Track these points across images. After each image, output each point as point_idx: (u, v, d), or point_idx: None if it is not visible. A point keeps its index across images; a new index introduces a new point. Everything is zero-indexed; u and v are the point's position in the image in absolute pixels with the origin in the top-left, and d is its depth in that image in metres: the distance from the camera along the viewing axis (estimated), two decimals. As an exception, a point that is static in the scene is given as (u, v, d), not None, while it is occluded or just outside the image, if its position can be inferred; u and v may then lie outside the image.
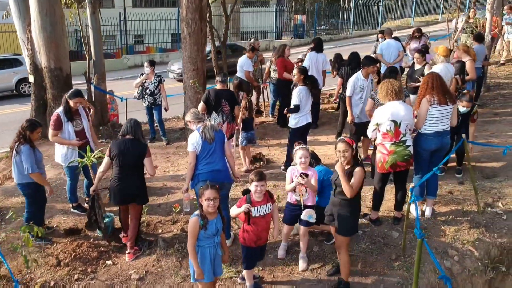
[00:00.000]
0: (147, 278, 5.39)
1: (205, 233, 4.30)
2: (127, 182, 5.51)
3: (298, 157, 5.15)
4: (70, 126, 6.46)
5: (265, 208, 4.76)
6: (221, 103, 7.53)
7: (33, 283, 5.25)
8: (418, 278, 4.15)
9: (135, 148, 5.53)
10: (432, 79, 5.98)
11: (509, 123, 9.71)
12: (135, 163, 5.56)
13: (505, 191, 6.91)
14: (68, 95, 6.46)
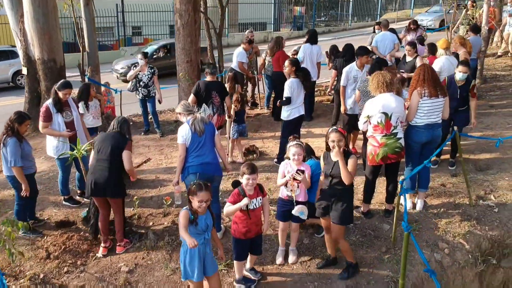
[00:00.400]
0: (137, 270, 5.38)
1: (195, 229, 4.24)
2: (100, 174, 5.38)
3: (292, 154, 5.08)
4: (60, 117, 6.43)
5: (255, 202, 4.74)
6: (212, 95, 7.56)
7: (22, 276, 5.24)
8: (406, 271, 4.14)
9: (114, 141, 5.46)
10: (424, 71, 5.94)
11: (504, 116, 9.68)
12: (112, 156, 5.41)
13: (497, 184, 6.90)
14: (57, 86, 6.43)
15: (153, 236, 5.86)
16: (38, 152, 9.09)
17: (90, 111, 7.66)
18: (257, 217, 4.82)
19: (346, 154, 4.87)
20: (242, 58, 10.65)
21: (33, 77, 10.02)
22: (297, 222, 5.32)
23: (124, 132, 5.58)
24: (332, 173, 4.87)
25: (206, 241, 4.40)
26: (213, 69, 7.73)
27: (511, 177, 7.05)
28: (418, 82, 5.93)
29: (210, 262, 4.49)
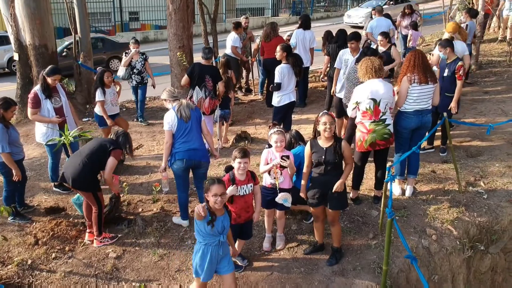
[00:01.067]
0: (125, 256, 5.40)
1: (211, 230, 4.07)
2: (71, 164, 5.38)
3: (274, 141, 5.03)
4: (49, 103, 6.39)
5: (245, 189, 4.72)
6: (205, 79, 7.51)
7: (10, 262, 5.25)
8: (389, 257, 4.14)
9: (101, 145, 5.44)
10: (415, 57, 5.89)
11: (498, 102, 9.64)
12: (94, 149, 5.40)
13: (488, 170, 6.89)
14: (46, 72, 6.39)
15: (141, 223, 5.87)
16: (30, 139, 9.07)
17: (107, 98, 7.50)
18: (247, 203, 4.79)
19: (338, 138, 4.87)
20: (235, 42, 10.59)
21: (24, 63, 9.96)
22: (282, 210, 5.30)
23: (119, 143, 5.51)
24: (327, 159, 4.81)
25: (221, 243, 4.22)
26: (208, 54, 7.67)
27: (501, 163, 7.04)
28: (408, 68, 5.89)
29: (226, 263, 4.35)
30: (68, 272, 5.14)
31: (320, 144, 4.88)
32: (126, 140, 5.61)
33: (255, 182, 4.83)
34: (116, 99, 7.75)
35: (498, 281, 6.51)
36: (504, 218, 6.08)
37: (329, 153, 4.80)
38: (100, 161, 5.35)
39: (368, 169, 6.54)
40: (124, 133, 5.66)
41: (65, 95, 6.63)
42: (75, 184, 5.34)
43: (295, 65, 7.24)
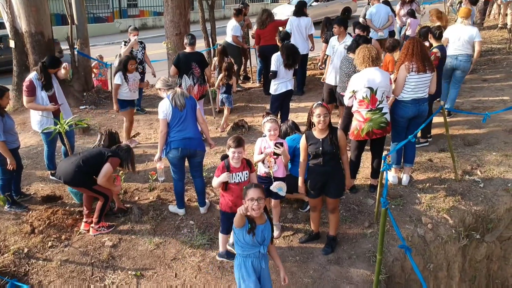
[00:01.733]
0: (121, 245, 5.41)
1: (251, 240, 3.85)
2: (67, 163, 5.47)
3: (267, 129, 5.02)
4: (43, 91, 6.35)
5: (241, 176, 4.69)
6: (191, 66, 7.58)
7: (6, 250, 5.27)
8: (383, 246, 4.15)
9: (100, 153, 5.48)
10: (413, 45, 5.83)
11: (496, 90, 9.59)
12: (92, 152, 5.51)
13: (484, 159, 6.88)
14: (46, 63, 6.34)
15: (137, 211, 5.87)
16: (27, 127, 9.04)
17: (128, 83, 7.54)
18: (242, 192, 4.73)
19: (333, 128, 4.83)
20: (236, 31, 10.51)
21: (21, 50, 9.88)
22: (277, 199, 5.30)
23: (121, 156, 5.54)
24: (324, 150, 4.77)
25: (261, 255, 3.98)
26: (191, 40, 7.69)
27: (498, 152, 7.02)
28: (406, 56, 5.84)
29: (267, 279, 4.09)
30: (64, 261, 5.16)
31: (315, 135, 4.84)
32: (128, 155, 5.62)
33: (251, 169, 4.81)
34: (135, 86, 7.71)
35: (493, 269, 6.55)
36: (500, 206, 6.08)
37: (326, 144, 4.77)
38: (95, 165, 5.36)
39: (365, 158, 6.53)
40: (127, 149, 5.67)
41: (57, 82, 6.58)
42: (66, 182, 5.44)
43: (288, 57, 7.15)
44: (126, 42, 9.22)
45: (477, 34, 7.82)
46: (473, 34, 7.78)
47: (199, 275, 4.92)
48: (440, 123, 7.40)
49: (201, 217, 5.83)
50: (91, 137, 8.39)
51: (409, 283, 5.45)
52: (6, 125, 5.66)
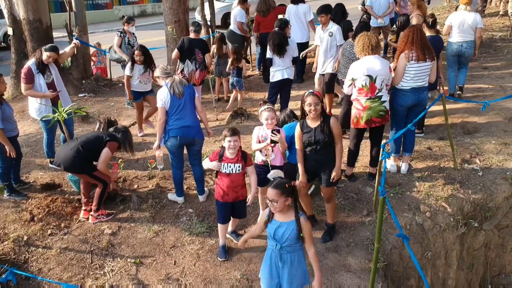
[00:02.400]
0: (120, 233, 5.44)
1: (269, 233, 3.78)
2: (65, 148, 5.46)
3: (264, 118, 4.97)
4: (41, 78, 6.34)
5: (232, 167, 4.67)
6: (194, 52, 7.77)
7: (6, 238, 5.29)
8: (381, 235, 4.15)
9: (98, 137, 5.49)
10: (413, 34, 5.77)
11: (497, 78, 9.55)
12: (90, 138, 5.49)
13: (483, 147, 6.87)
14: (45, 47, 6.32)
15: (136, 199, 5.88)
16: (26, 115, 9.00)
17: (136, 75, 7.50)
18: (234, 183, 4.72)
19: (326, 117, 4.80)
20: (241, 18, 10.44)
21: (19, 37, 9.82)
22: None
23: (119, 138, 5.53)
24: (317, 139, 4.75)
25: (279, 253, 3.74)
26: (196, 27, 7.92)
27: (497, 140, 7.01)
28: (406, 45, 5.80)
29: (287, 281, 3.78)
30: (64, 248, 5.18)
31: (309, 124, 4.83)
32: (126, 137, 5.60)
33: (247, 163, 4.76)
34: (147, 77, 7.63)
35: (491, 257, 6.58)
36: (498, 195, 6.10)
37: (318, 132, 4.75)
38: (94, 150, 5.36)
39: (364, 146, 6.53)
40: (124, 130, 5.64)
41: (56, 69, 6.55)
42: (66, 168, 5.42)
43: (274, 45, 7.13)
44: (122, 32, 9.10)
45: (480, 20, 7.87)
46: (477, 20, 7.84)
47: (198, 263, 4.95)
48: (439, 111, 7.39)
49: (200, 205, 5.84)
50: (90, 125, 8.38)
51: (407, 271, 5.48)
52: (4, 113, 5.64)
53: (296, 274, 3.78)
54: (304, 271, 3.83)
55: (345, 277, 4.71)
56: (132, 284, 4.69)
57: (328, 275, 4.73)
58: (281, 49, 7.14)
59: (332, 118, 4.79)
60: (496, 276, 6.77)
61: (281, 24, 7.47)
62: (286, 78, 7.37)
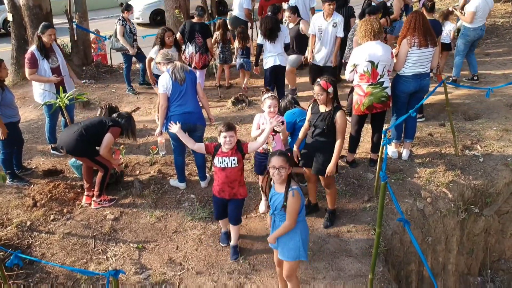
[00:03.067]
0: (122, 218, 5.47)
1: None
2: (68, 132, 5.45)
3: (267, 106, 4.92)
4: (46, 63, 6.33)
5: (227, 161, 4.47)
6: (195, 35, 7.97)
7: (9, 223, 5.32)
8: (382, 220, 4.17)
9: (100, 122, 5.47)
10: (416, 19, 5.72)
11: (498, 64, 9.53)
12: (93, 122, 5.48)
13: (485, 134, 6.88)
14: (39, 31, 6.29)
15: (139, 185, 5.91)
16: (27, 101, 9.04)
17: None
18: (229, 178, 4.52)
19: (336, 107, 4.76)
20: (248, 4, 10.38)
21: (19, 24, 9.78)
22: None
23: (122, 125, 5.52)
24: (316, 123, 4.79)
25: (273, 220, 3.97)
26: (200, 11, 8.03)
27: (499, 126, 7.02)
28: (408, 31, 5.76)
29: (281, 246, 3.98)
30: (67, 234, 5.22)
31: (319, 108, 4.84)
32: (129, 123, 5.59)
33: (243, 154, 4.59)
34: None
35: (491, 242, 6.63)
36: (499, 181, 6.12)
37: (321, 119, 4.76)
38: (97, 135, 5.35)
39: (365, 132, 6.53)
40: (128, 116, 5.63)
41: (61, 55, 6.55)
42: (69, 151, 5.41)
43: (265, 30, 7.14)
44: (123, 20, 8.97)
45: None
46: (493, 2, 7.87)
47: (200, 248, 4.99)
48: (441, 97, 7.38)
49: (202, 191, 5.87)
50: (91, 111, 8.37)
51: (407, 256, 5.53)
52: (6, 99, 5.64)
53: (288, 244, 3.90)
54: (297, 245, 3.89)
55: (346, 261, 4.75)
56: (135, 268, 4.73)
57: (329, 259, 4.77)
58: (272, 34, 7.13)
59: (340, 111, 4.73)
60: (496, 261, 6.83)
61: (274, 9, 7.45)
62: (278, 65, 7.33)
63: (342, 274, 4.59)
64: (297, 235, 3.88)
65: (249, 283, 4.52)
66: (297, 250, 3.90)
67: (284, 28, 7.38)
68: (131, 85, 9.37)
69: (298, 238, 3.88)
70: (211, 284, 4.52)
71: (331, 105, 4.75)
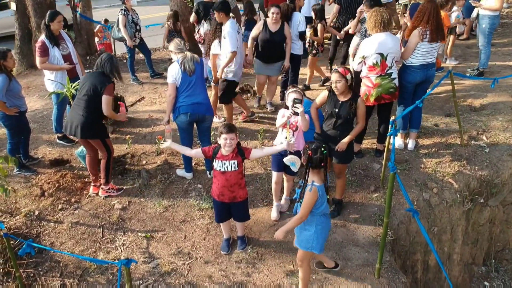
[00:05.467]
0: (130, 208, 5.50)
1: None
2: (75, 113, 5.28)
3: (291, 100, 4.68)
4: (56, 51, 6.33)
5: (227, 165, 4.32)
6: (210, 13, 7.92)
7: (18, 212, 5.35)
8: (390, 210, 4.20)
9: (94, 81, 5.25)
10: (430, 11, 5.62)
11: (503, 55, 9.50)
12: (89, 96, 5.22)
13: (490, 124, 6.88)
14: (47, 19, 6.27)
15: (146, 175, 5.93)
16: (32, 91, 9.04)
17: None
18: (229, 182, 4.39)
19: (355, 95, 4.83)
20: None
21: (22, 13, 9.76)
22: (290, 174, 5.14)
23: (108, 73, 5.31)
24: (339, 113, 4.79)
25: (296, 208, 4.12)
26: None
27: (504, 117, 7.02)
28: (421, 22, 5.66)
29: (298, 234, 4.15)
30: (75, 223, 5.25)
31: (338, 98, 4.85)
32: (112, 65, 5.34)
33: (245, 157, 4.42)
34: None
35: (495, 232, 6.67)
36: (504, 171, 6.14)
37: (344, 107, 4.79)
38: (99, 106, 5.23)
39: (371, 123, 6.53)
40: (108, 58, 5.38)
41: (71, 42, 6.55)
42: (83, 135, 5.28)
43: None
44: (125, 10, 8.81)
45: None
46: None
47: (208, 237, 5.02)
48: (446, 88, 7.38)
49: (209, 181, 5.88)
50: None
51: (413, 245, 5.56)
52: (13, 89, 5.65)
53: (303, 233, 4.03)
54: (311, 237, 3.97)
55: (353, 251, 4.78)
56: (143, 257, 4.76)
57: (336, 249, 4.80)
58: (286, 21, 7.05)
59: (360, 98, 4.84)
60: (500, 251, 6.87)
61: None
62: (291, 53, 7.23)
63: (349, 263, 4.63)
64: (312, 227, 3.94)
65: (257, 272, 4.55)
66: (310, 241, 3.96)
67: (295, 16, 7.35)
68: (135, 75, 9.35)
69: (313, 230, 3.93)
70: (220, 273, 4.56)
71: (349, 93, 4.80)
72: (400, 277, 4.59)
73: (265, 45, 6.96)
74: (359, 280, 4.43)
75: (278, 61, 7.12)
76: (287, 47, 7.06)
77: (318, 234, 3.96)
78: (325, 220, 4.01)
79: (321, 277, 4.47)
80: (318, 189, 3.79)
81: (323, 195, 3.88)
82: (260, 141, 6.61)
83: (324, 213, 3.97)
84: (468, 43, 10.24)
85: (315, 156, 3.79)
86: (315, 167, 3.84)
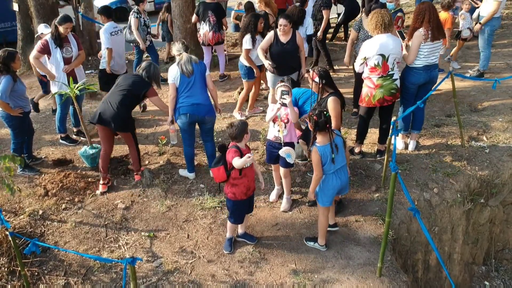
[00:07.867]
0: (133, 207, 5.54)
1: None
2: (110, 106, 5.47)
3: (279, 93, 4.90)
4: (58, 52, 6.37)
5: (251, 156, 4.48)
6: (208, 14, 8.50)
7: (22, 212, 5.39)
8: (392, 210, 4.24)
9: (134, 81, 5.60)
10: (430, 11, 5.66)
11: (504, 56, 9.55)
12: (126, 94, 5.50)
13: (491, 125, 6.92)
14: (57, 21, 6.32)
15: (148, 174, 5.97)
16: (34, 91, 9.06)
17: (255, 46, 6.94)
18: (252, 173, 4.62)
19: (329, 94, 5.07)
20: None
21: (25, 14, 9.82)
22: (286, 167, 5.18)
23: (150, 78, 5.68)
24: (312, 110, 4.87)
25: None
26: None
27: (504, 118, 7.06)
28: (422, 24, 5.71)
29: None
30: (79, 222, 5.29)
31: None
32: (156, 70, 5.76)
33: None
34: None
35: (495, 232, 6.71)
36: (504, 172, 6.19)
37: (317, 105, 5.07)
38: (133, 101, 5.66)
39: (372, 123, 6.56)
40: (149, 65, 5.71)
41: (77, 47, 6.56)
42: (117, 128, 5.55)
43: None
44: (138, 13, 8.75)
45: None
46: None
47: (211, 236, 5.06)
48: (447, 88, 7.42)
49: (211, 181, 5.92)
50: (98, 101, 8.37)
51: (414, 245, 5.60)
52: (18, 90, 5.71)
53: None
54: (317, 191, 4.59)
55: (355, 250, 4.82)
56: (147, 256, 4.80)
57: (338, 248, 4.84)
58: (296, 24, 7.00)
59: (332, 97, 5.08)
60: (500, 251, 6.91)
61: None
62: None
63: (351, 262, 4.67)
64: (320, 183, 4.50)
65: (259, 272, 4.59)
66: (317, 196, 4.60)
67: (308, 19, 7.49)
68: None
69: (321, 185, 4.52)
70: (223, 272, 4.60)
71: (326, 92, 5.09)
72: (401, 276, 4.63)
73: (278, 58, 6.58)
74: (360, 279, 4.47)
75: (292, 73, 6.67)
76: (302, 55, 6.73)
77: (321, 189, 4.52)
78: (326, 179, 4.47)
79: (323, 276, 4.51)
80: (318, 149, 4.29)
81: (325, 155, 4.31)
82: (262, 142, 6.65)
83: (326, 172, 4.41)
84: (469, 44, 10.27)
85: (321, 120, 4.21)
86: (321, 129, 4.26)
